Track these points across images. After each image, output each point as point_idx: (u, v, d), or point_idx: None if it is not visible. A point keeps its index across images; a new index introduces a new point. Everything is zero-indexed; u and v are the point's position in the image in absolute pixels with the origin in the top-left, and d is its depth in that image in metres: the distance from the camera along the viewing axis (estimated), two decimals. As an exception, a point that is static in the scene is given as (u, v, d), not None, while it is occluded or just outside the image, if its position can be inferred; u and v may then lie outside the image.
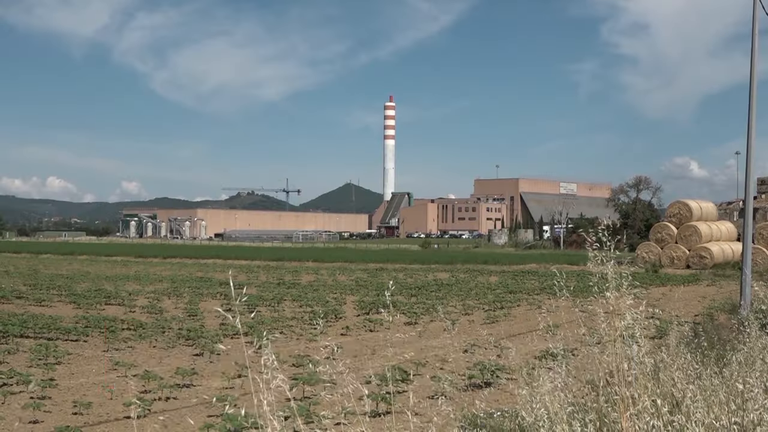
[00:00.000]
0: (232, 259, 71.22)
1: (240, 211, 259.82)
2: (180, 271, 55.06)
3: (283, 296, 31.68)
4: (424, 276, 48.29)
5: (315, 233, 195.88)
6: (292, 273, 51.41)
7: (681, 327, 11.10)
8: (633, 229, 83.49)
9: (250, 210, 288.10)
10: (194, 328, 20.94)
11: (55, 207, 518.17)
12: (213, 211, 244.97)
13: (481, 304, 28.91)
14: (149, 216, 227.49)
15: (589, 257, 6.95)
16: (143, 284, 40.76)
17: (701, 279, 42.94)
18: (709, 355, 8.60)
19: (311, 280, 45.06)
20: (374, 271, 53.35)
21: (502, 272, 51.77)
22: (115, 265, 63.43)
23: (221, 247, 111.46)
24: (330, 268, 57.91)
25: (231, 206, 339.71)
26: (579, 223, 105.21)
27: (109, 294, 32.95)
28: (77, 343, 19.61)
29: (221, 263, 66.13)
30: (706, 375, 7.09)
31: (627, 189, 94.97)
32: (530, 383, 6.69)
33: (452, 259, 64.85)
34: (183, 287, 38.06)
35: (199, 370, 15.38)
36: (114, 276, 47.76)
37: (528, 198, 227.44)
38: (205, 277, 47.54)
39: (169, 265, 64.26)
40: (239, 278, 46.68)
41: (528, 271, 51.99)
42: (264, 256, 73.41)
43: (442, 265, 59.57)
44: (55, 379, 14.45)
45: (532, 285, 39.10)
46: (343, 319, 24.76)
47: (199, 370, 15.28)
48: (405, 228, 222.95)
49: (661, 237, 54.61)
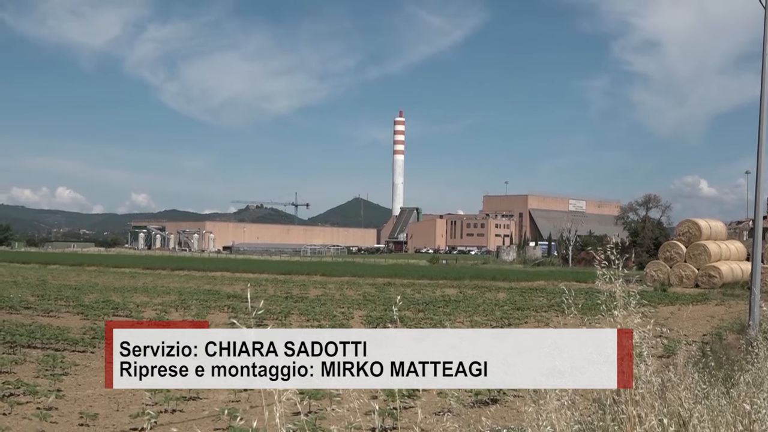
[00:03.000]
0: (240, 272, 71.24)
1: (248, 225, 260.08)
2: (188, 283, 55.12)
3: (290, 310, 31.67)
4: (431, 291, 48.21)
5: (323, 247, 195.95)
6: (300, 287, 51.38)
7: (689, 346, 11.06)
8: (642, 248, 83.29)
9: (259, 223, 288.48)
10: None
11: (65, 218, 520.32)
12: (221, 224, 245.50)
13: (488, 321, 28.83)
14: (158, 228, 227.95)
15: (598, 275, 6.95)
16: (151, 296, 40.80)
17: (710, 298, 42.74)
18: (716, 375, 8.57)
19: (319, 294, 45.03)
20: (382, 286, 53.28)
21: (510, 289, 51.64)
22: (123, 276, 63.53)
23: (229, 260, 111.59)
24: (338, 282, 57.86)
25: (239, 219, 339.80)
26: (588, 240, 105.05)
27: (116, 305, 32.99)
28: (84, 354, 19.64)
29: (229, 276, 66.16)
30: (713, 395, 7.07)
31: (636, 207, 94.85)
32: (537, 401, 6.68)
33: (460, 275, 64.72)
34: (191, 299, 38.09)
35: (206, 382, 15.35)
36: (122, 287, 47.83)
37: (537, 215, 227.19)
38: (213, 289, 47.55)
39: (177, 277, 64.33)
40: (247, 290, 46.60)
41: (536, 288, 51.83)
42: (272, 270, 73.43)
43: (450, 281, 59.45)
44: (62, 389, 14.48)
45: (540, 302, 38.97)
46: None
47: (206, 383, 15.25)
48: (413, 243, 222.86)
49: (670, 256, 54.43)
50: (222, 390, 14.77)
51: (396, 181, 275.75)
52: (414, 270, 76.29)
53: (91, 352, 19.81)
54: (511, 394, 13.66)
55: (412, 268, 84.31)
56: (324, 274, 68.08)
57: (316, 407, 12.44)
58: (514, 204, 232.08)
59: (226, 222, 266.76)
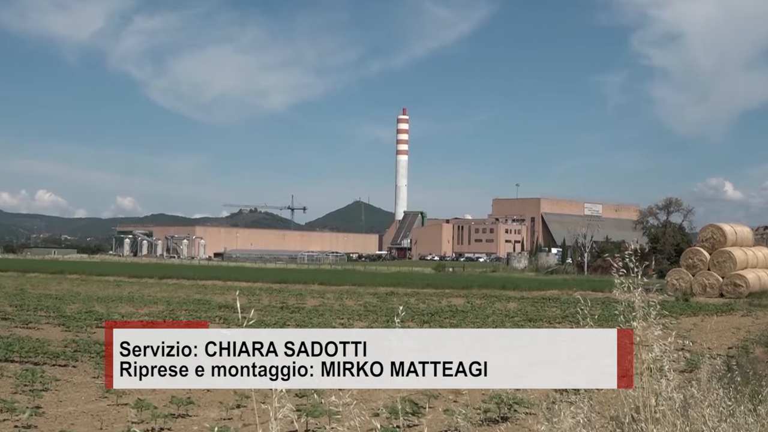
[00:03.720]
0: (232, 281, 71.23)
1: (241, 230, 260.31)
2: (177, 292, 55.14)
3: (286, 321, 31.67)
4: (437, 301, 48.20)
5: (321, 254, 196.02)
6: (297, 296, 51.40)
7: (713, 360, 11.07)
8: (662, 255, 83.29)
9: (252, 228, 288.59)
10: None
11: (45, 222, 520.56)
12: (212, 229, 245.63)
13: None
14: (144, 233, 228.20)
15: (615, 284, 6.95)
16: (137, 306, 40.82)
17: (736, 309, 42.70)
18: (743, 391, 8.56)
19: (316, 304, 45.03)
20: (384, 296, 53.28)
21: (522, 298, 51.64)
22: (107, 285, 63.55)
23: (221, 267, 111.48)
24: (337, 291, 57.86)
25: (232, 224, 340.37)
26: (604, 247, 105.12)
27: (100, 316, 32.99)
28: (66, 368, 19.64)
29: (221, 285, 66.16)
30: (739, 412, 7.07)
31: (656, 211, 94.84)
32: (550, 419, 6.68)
33: (468, 284, 64.69)
34: (180, 310, 38.11)
35: (196, 399, 15.38)
36: (106, 297, 47.85)
37: (550, 219, 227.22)
38: (204, 299, 47.56)
39: (165, 286, 64.35)
40: (240, 301, 46.52)
41: (549, 298, 51.81)
42: (266, 278, 73.43)
43: (457, 290, 59.43)
44: (42, 406, 14.48)
45: (554, 312, 38.93)
46: (350, 347, 24.71)
47: (196, 399, 15.28)
48: (417, 250, 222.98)
49: (693, 263, 54.41)
50: (213, 406, 14.79)
51: (399, 184, 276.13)
52: (418, 278, 76.26)
53: (73, 367, 19.82)
54: (523, 412, 13.65)
55: (417, 276, 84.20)
56: (322, 282, 68.07)
57: (313, 425, 12.45)
58: (526, 208, 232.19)
59: (218, 227, 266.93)
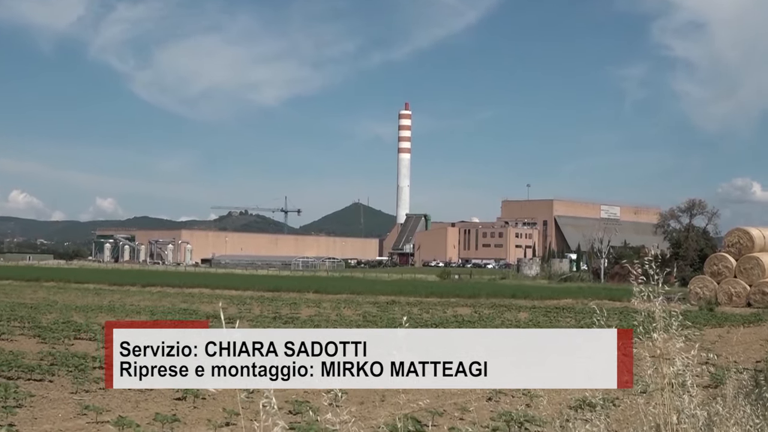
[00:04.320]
0: (221, 289, 71.22)
1: (231, 234, 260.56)
2: (161, 301, 55.13)
3: (279, 332, 31.65)
4: (442, 311, 48.18)
5: (317, 260, 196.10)
6: (290, 305, 51.38)
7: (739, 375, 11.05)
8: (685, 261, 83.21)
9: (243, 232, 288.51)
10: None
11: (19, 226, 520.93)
12: (200, 233, 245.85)
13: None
14: (126, 237, 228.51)
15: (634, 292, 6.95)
16: (118, 316, 40.81)
17: (764, 319, 42.64)
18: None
19: (312, 314, 45.02)
20: (385, 305, 53.27)
21: (533, 308, 51.62)
22: (86, 293, 63.54)
23: (209, 274, 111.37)
24: (334, 300, 57.86)
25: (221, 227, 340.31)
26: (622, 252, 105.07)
27: (79, 327, 32.97)
28: (41, 383, 19.63)
29: (208, 293, 66.15)
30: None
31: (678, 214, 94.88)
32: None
33: (475, 292, 64.65)
34: (164, 320, 38.10)
35: (182, 416, 15.38)
36: (85, 306, 47.84)
37: (563, 223, 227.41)
38: (190, 308, 47.54)
39: (149, 294, 64.34)
40: (229, 311, 46.58)
41: (563, 308, 51.79)
42: (258, 286, 73.43)
43: (464, 299, 59.41)
44: (15, 424, 14.48)
45: (568, 323, 38.95)
46: (348, 360, 24.71)
47: (182, 417, 15.28)
48: (421, 255, 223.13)
49: (718, 270, 54.38)
50: (200, 424, 14.79)
51: (401, 184, 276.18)
52: (422, 286, 76.29)
53: (50, 381, 19.81)
54: (534, 430, 13.64)
55: (420, 284, 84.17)
56: (318, 291, 68.07)
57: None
58: (538, 210, 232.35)
59: (205, 231, 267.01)
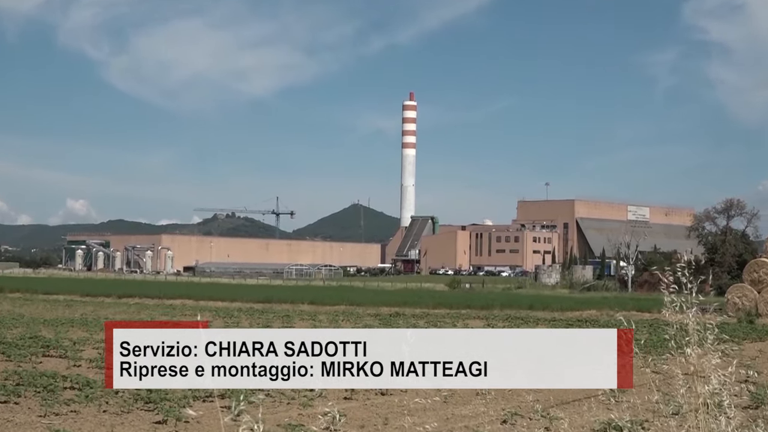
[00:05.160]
0: (205, 300, 71.28)
1: (216, 239, 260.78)
2: (139, 314, 55.14)
3: (270, 348, 31.67)
4: (451, 324, 48.15)
5: (312, 268, 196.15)
6: (283, 318, 51.41)
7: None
8: (721, 267, 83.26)
9: (230, 237, 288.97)
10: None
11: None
12: (182, 238, 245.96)
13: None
14: (100, 243, 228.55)
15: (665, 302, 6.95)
16: (92, 331, 40.77)
17: (810, 332, 42.61)
18: (819, 432, 8.54)
19: (307, 327, 45.01)
20: (388, 318, 53.28)
21: (553, 321, 51.61)
22: (56, 305, 63.54)
23: (192, 284, 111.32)
24: (331, 312, 57.86)
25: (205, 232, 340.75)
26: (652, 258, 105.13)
27: (47, 343, 32.97)
28: (6, 405, 19.63)
29: (192, 305, 66.16)
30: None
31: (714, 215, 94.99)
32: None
33: (488, 303, 64.64)
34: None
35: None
36: (54, 320, 47.82)
37: (586, 225, 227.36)
38: (171, 322, 47.59)
39: (126, 306, 64.37)
40: (215, 324, 46.55)
41: (586, 320, 51.78)
42: (247, 297, 73.47)
43: (476, 311, 59.41)
44: (-22, 451, 14.47)
45: (591, 337, 38.95)
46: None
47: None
48: (428, 262, 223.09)
49: (758, 277, 54.33)
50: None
51: (405, 183, 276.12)
52: (429, 297, 76.27)
53: (15, 403, 19.81)
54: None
55: (427, 294, 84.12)
56: (313, 302, 68.06)
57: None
58: (557, 212, 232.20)
59: (188, 235, 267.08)
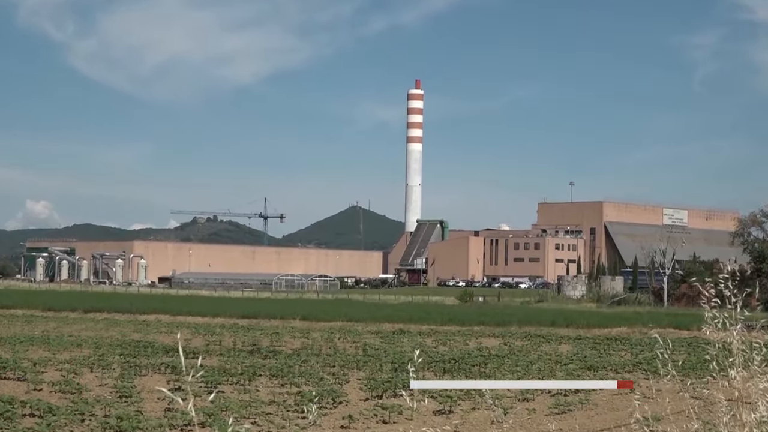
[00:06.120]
0: (183, 315, 71.31)
1: (196, 245, 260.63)
2: (108, 331, 55.19)
3: (257, 370, 31.67)
4: (463, 343, 48.19)
5: (305, 278, 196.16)
6: (271, 336, 51.43)
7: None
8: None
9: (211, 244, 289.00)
10: (128, 416, 20.96)
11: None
12: (157, 245, 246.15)
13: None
14: (64, 251, 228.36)
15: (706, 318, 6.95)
16: (54, 350, 40.83)
17: None
18: None
19: (299, 346, 45.04)
20: (391, 335, 53.30)
21: (578, 339, 51.63)
22: (13, 321, 63.61)
23: (168, 296, 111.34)
24: (326, 329, 57.88)
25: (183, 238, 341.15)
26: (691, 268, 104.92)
27: (4, 364, 33.02)
28: (-42, 435, 19.67)
29: (168, 321, 66.23)
30: None
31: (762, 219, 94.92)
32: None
33: (505, 319, 64.67)
34: (112, 355, 38.12)
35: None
36: (12, 338, 47.89)
37: (616, 231, 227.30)
38: (145, 340, 47.60)
39: (93, 322, 64.42)
40: (194, 343, 46.59)
41: (616, 338, 51.82)
42: (230, 311, 73.46)
43: (490, 328, 59.42)
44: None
45: (622, 358, 38.98)
46: (344, 405, 24.72)
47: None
48: (436, 272, 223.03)
49: (812, 290, 54.35)
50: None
51: (411, 183, 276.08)
52: (437, 311, 76.20)
53: (-32, 432, 19.84)
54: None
55: (435, 308, 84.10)
56: (306, 317, 68.10)
57: None
58: (584, 215, 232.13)
59: (164, 242, 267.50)
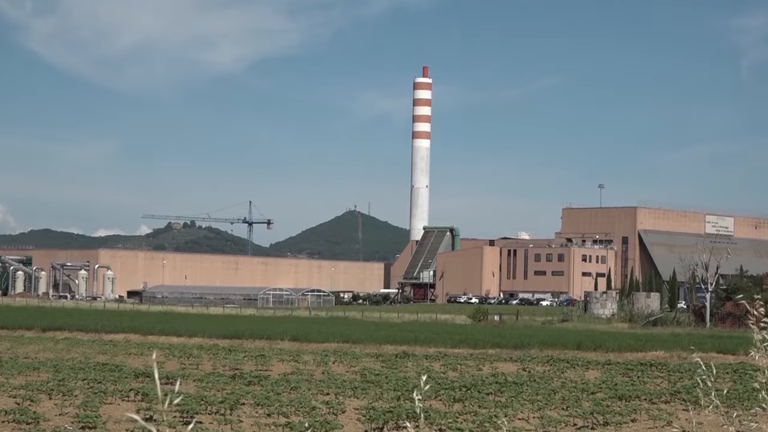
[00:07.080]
0: (156, 335, 71.37)
1: (171, 254, 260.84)
2: (69, 352, 55.23)
3: (239, 398, 31.70)
4: (476, 368, 48.21)
5: (295, 293, 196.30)
6: (256, 359, 51.48)
7: None
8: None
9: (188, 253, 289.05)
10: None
11: None
12: (126, 254, 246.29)
13: (571, 417, 28.83)
14: (19, 260, 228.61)
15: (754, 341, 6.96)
16: (7, 374, 40.87)
17: None
18: None
19: (287, 371, 45.09)
20: (393, 359, 53.33)
21: (608, 364, 51.65)
22: (-39, 340, 63.71)
23: (139, 313, 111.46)
24: (319, 351, 57.94)
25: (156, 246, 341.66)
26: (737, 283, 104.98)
27: (-49, 389, 33.08)
28: None
29: (138, 341, 66.28)
30: None
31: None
32: None
33: (524, 341, 64.73)
34: (74, 380, 38.15)
35: None
36: (-40, 359, 47.97)
37: (651, 240, 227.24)
38: (112, 362, 47.67)
39: (52, 342, 64.49)
40: (168, 366, 46.60)
41: (651, 363, 51.83)
42: (210, 331, 73.55)
43: (507, 351, 59.46)
44: None
45: (658, 387, 38.97)
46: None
47: None
48: (445, 287, 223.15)
49: None
50: None
51: (416, 184, 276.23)
52: (447, 332, 76.26)
53: None
54: None
55: (444, 328, 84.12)
56: (296, 338, 68.17)
57: None
58: (614, 222, 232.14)
59: (134, 250, 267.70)
